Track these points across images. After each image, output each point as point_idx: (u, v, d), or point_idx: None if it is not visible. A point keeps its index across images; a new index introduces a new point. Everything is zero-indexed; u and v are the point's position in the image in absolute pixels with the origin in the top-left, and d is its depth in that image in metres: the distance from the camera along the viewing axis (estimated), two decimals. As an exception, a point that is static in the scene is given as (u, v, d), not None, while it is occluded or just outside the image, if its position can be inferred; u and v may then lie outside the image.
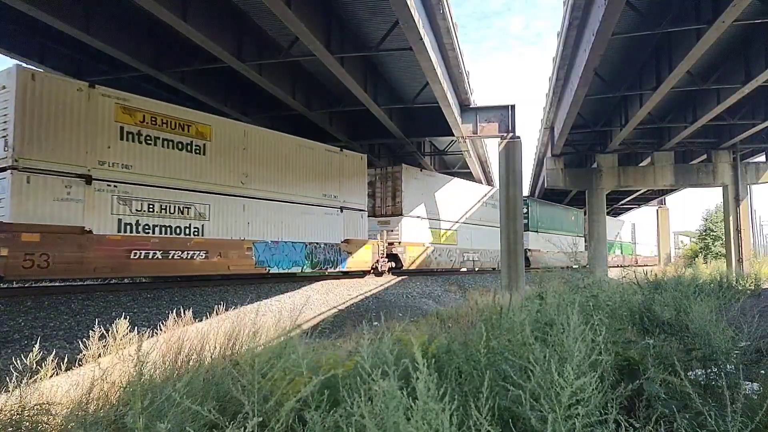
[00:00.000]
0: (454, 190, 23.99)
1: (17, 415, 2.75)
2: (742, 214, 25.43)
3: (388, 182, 20.58)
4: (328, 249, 16.33)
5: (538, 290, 4.77)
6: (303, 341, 3.79)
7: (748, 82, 15.20)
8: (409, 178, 20.57)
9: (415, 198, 20.88)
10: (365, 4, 12.42)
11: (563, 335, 2.45)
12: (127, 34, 13.22)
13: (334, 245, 16.56)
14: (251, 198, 13.89)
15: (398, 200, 20.15)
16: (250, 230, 13.77)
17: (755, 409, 2.19)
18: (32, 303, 9.29)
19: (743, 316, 4.59)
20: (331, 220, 16.64)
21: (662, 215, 51.65)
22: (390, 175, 20.59)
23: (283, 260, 14.65)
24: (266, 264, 14.10)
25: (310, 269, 15.51)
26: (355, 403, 1.88)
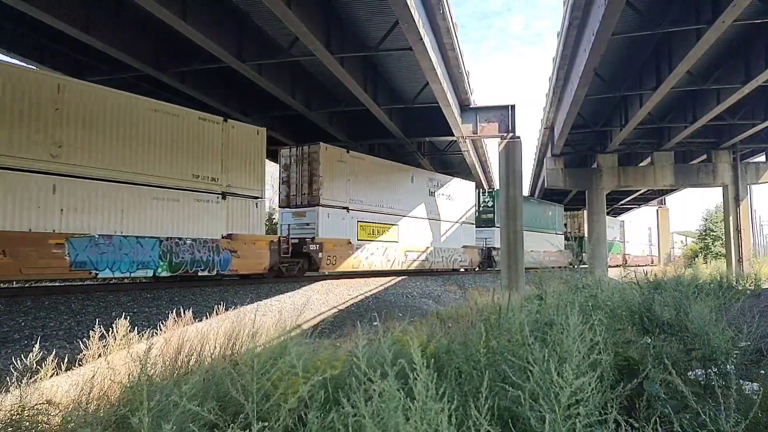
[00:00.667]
0: (395, 178, 20.57)
1: (17, 414, 2.75)
2: (742, 214, 25.44)
3: (305, 165, 17.01)
4: (199, 246, 12.79)
5: (537, 290, 4.77)
6: (303, 341, 3.79)
7: (748, 82, 15.20)
8: (329, 160, 17.18)
9: (339, 185, 17.53)
10: (365, 4, 12.43)
11: (563, 335, 2.45)
12: (127, 34, 13.22)
13: (208, 242, 13.01)
14: (68, 176, 10.53)
15: (315, 187, 16.71)
16: (63, 220, 10.40)
17: (752, 408, 2.19)
18: (32, 303, 9.30)
19: (743, 316, 4.59)
20: (206, 209, 13.12)
21: (662, 215, 51.67)
22: (306, 156, 16.93)
23: (122, 261, 11.27)
24: (90, 266, 10.78)
25: (169, 272, 12.16)
26: (354, 404, 1.89)
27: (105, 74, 15.13)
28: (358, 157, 18.69)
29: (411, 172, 21.77)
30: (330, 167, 17.14)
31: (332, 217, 17.22)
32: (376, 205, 19.28)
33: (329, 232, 16.97)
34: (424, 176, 22.52)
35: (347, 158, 18.06)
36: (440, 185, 23.47)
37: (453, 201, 24.37)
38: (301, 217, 16.97)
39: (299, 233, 16.68)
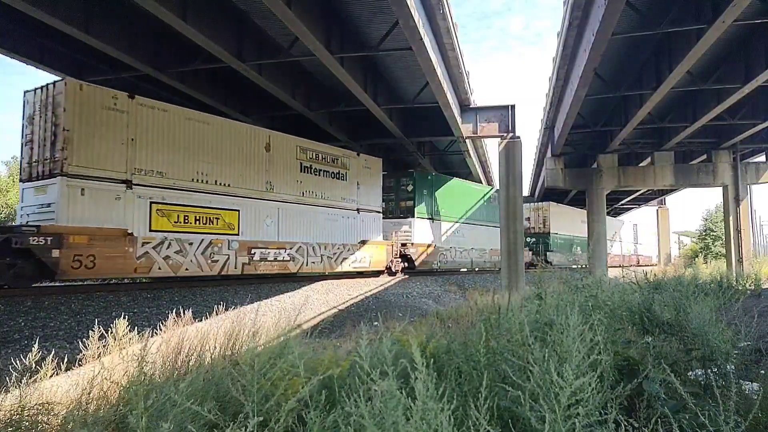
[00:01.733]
0: (236, 142, 14.11)
1: (17, 414, 2.75)
2: (742, 214, 25.43)
3: (48, 114, 10.98)
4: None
5: (537, 290, 4.77)
6: (303, 341, 3.79)
7: (748, 82, 15.20)
8: (88, 106, 11.06)
9: (111, 146, 11.42)
10: (365, 4, 12.43)
11: (562, 335, 2.45)
12: (127, 34, 13.22)
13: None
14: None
15: (59, 147, 10.63)
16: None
17: (752, 409, 2.19)
18: (32, 303, 9.30)
19: (743, 316, 4.59)
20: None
21: (662, 215, 51.67)
22: (51, 101, 10.94)
23: None
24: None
25: None
26: (354, 403, 1.88)
27: (105, 74, 15.14)
28: (153, 106, 12.28)
29: (267, 136, 15.11)
30: (90, 118, 11.06)
31: (92, 195, 11.06)
32: (196, 180, 13.10)
33: (79, 218, 10.79)
34: (290, 144, 15.87)
35: (128, 106, 11.67)
36: (323, 159, 16.99)
37: (348, 182, 17.91)
38: (41, 194, 11.02)
39: (40, 218, 10.86)
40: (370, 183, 19.11)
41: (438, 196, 23.03)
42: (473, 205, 26.17)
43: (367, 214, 18.82)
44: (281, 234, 15.28)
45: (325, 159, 17.12)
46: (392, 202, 21.99)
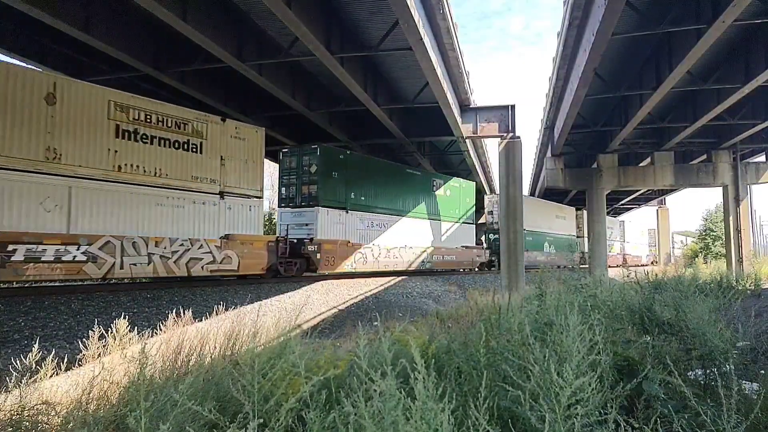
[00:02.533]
0: None
1: (17, 414, 2.75)
2: (742, 214, 25.43)
3: None
4: None
5: (537, 291, 4.77)
6: (303, 341, 3.79)
7: (748, 82, 15.20)
8: None
9: None
10: (365, 4, 12.43)
11: (562, 335, 2.45)
12: (127, 34, 13.23)
13: None
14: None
15: None
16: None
17: (753, 408, 2.19)
18: (32, 303, 9.30)
19: (743, 316, 4.59)
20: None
21: (662, 215, 51.69)
22: None
23: None
24: None
25: None
26: (354, 403, 1.89)
27: (105, 74, 15.14)
28: None
29: (52, 83, 10.43)
30: None
31: None
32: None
33: None
34: (98, 97, 11.10)
35: None
36: (162, 123, 12.09)
37: (205, 156, 13.11)
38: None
39: None
40: (244, 159, 13.93)
41: (356, 181, 18.27)
42: (409, 194, 21.13)
43: (237, 200, 13.75)
44: (74, 223, 10.57)
45: (163, 123, 12.02)
46: (293, 186, 17.31)
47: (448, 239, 23.60)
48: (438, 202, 23.06)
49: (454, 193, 24.33)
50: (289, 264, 15.60)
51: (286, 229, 16.58)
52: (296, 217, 17.11)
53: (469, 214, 25.67)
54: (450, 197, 23.87)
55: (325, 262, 16.49)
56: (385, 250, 19.47)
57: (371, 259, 18.76)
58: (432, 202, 22.60)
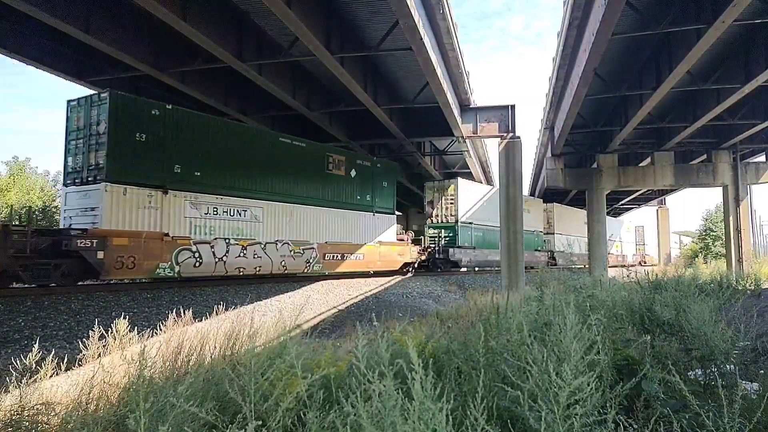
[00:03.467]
0: None
1: (17, 414, 2.75)
2: (742, 214, 25.43)
3: None
4: None
5: (537, 291, 4.77)
6: (303, 341, 3.79)
7: (748, 82, 15.20)
8: None
9: None
10: (365, 4, 12.43)
11: (561, 335, 2.45)
12: (127, 34, 13.23)
13: None
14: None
15: None
16: None
17: (754, 409, 2.19)
18: (32, 303, 9.30)
19: (743, 316, 4.59)
20: None
21: (662, 215, 51.67)
22: None
23: None
24: None
25: None
26: (352, 403, 1.89)
27: (105, 74, 15.14)
28: None
29: None
30: None
31: None
32: None
33: None
34: None
35: None
36: None
37: None
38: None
39: None
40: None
41: (184, 148, 13.01)
42: (287, 172, 15.97)
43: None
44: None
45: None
46: (81, 155, 12.00)
47: (350, 233, 18.02)
48: (336, 184, 17.69)
49: (364, 175, 18.79)
50: (43, 267, 10.32)
51: (70, 217, 12.02)
52: (82, 198, 11.86)
53: (387, 201, 20.13)
54: (356, 179, 18.45)
55: (115, 263, 11.16)
56: (237, 248, 13.98)
57: (210, 259, 13.29)
58: (326, 185, 17.25)
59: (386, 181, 20.26)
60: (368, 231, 19.04)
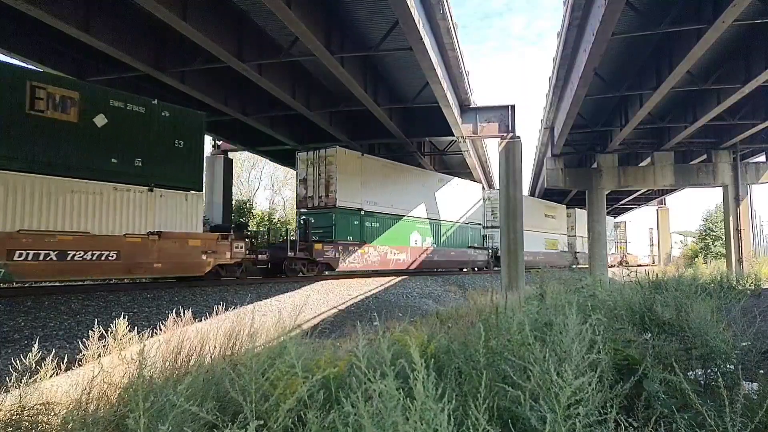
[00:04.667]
0: None
1: (17, 414, 2.75)
2: (742, 214, 25.43)
3: None
4: None
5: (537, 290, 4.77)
6: (303, 341, 3.79)
7: (748, 82, 15.20)
8: None
9: None
10: (365, 4, 12.43)
11: (561, 335, 2.45)
12: (127, 34, 13.22)
13: None
14: None
15: None
16: None
17: (755, 409, 2.19)
18: (32, 303, 9.30)
19: (744, 316, 4.59)
20: None
21: (662, 215, 51.67)
22: None
23: None
24: None
25: None
26: (353, 403, 1.88)
27: (105, 74, 15.13)
28: None
29: None
30: None
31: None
32: None
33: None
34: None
35: None
36: None
37: None
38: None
39: None
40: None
41: None
42: None
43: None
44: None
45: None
46: None
47: (89, 217, 11.29)
48: (57, 136, 10.89)
49: (126, 125, 11.97)
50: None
51: None
52: None
53: (183, 170, 13.12)
54: (107, 131, 11.65)
55: None
56: None
57: None
58: (33, 137, 10.52)
59: (181, 139, 13.09)
60: (135, 215, 12.08)
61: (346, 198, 18.59)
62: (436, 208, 23.74)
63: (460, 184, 26.16)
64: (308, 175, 18.88)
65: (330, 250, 17.74)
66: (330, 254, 17.75)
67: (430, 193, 23.67)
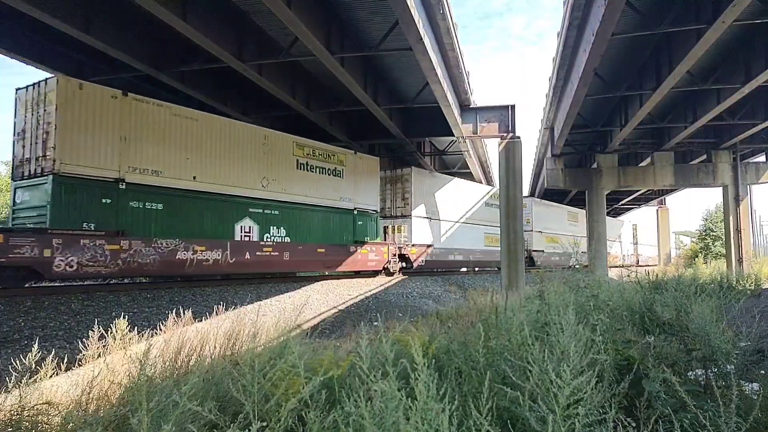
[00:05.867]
0: None
1: (17, 415, 2.75)
2: (742, 214, 25.44)
3: None
4: None
5: (538, 290, 4.77)
6: (303, 341, 3.79)
7: (748, 82, 15.20)
8: None
9: None
10: (365, 4, 12.42)
11: (560, 335, 2.45)
12: (127, 34, 13.22)
13: None
14: None
15: None
16: None
17: (752, 408, 2.19)
18: (32, 303, 9.29)
19: (744, 316, 4.59)
20: None
21: (662, 215, 51.68)
22: None
23: None
24: None
25: None
26: (354, 404, 1.89)
27: (105, 74, 15.12)
28: None
29: None
30: None
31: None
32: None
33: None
34: None
35: None
36: None
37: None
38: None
39: None
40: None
41: None
42: None
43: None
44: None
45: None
46: None
47: None
48: None
49: None
50: None
51: None
52: None
53: None
54: None
55: None
56: None
57: None
58: None
59: None
60: None
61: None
62: (322, 193, 17.18)
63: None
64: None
65: None
66: None
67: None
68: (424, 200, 21.86)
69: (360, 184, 18.73)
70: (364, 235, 18.79)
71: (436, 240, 22.48)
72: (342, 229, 17.98)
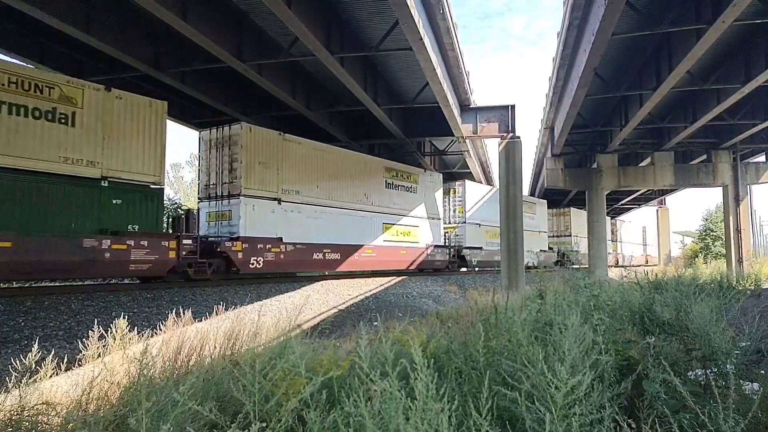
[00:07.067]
0: None
1: (17, 415, 2.75)
2: (742, 214, 25.44)
3: None
4: None
5: (538, 290, 4.77)
6: (303, 341, 3.78)
7: (748, 82, 15.20)
8: None
9: None
10: (365, 4, 12.43)
11: (560, 335, 2.45)
12: (127, 34, 13.22)
13: None
14: None
15: None
16: None
17: (746, 410, 2.19)
18: (32, 303, 9.29)
19: (744, 316, 4.59)
20: None
21: (662, 215, 51.67)
22: None
23: None
24: None
25: None
26: (354, 404, 1.88)
27: (105, 74, 15.12)
28: None
29: None
30: None
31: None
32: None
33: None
34: None
35: None
36: None
37: None
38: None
39: None
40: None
41: None
42: None
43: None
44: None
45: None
46: None
47: None
48: None
49: None
50: None
51: None
52: None
53: None
54: None
55: None
56: None
57: None
58: None
59: None
60: None
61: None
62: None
63: None
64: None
65: None
66: None
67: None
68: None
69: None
70: None
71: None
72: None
